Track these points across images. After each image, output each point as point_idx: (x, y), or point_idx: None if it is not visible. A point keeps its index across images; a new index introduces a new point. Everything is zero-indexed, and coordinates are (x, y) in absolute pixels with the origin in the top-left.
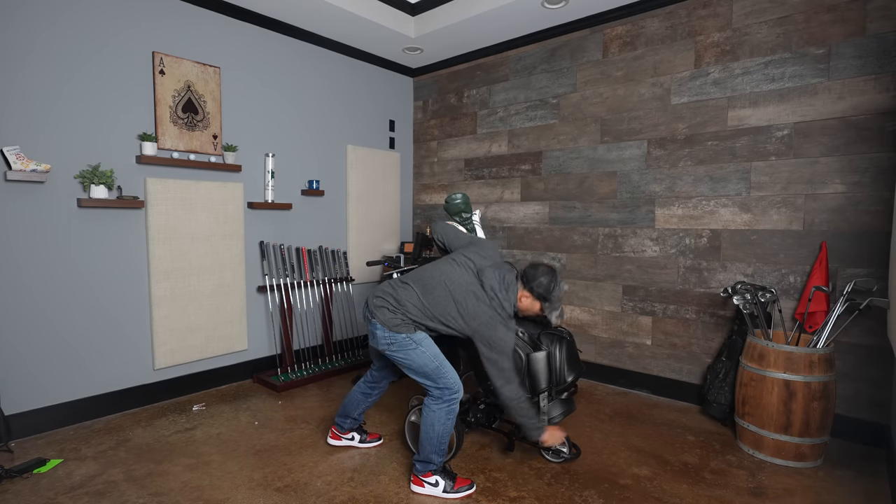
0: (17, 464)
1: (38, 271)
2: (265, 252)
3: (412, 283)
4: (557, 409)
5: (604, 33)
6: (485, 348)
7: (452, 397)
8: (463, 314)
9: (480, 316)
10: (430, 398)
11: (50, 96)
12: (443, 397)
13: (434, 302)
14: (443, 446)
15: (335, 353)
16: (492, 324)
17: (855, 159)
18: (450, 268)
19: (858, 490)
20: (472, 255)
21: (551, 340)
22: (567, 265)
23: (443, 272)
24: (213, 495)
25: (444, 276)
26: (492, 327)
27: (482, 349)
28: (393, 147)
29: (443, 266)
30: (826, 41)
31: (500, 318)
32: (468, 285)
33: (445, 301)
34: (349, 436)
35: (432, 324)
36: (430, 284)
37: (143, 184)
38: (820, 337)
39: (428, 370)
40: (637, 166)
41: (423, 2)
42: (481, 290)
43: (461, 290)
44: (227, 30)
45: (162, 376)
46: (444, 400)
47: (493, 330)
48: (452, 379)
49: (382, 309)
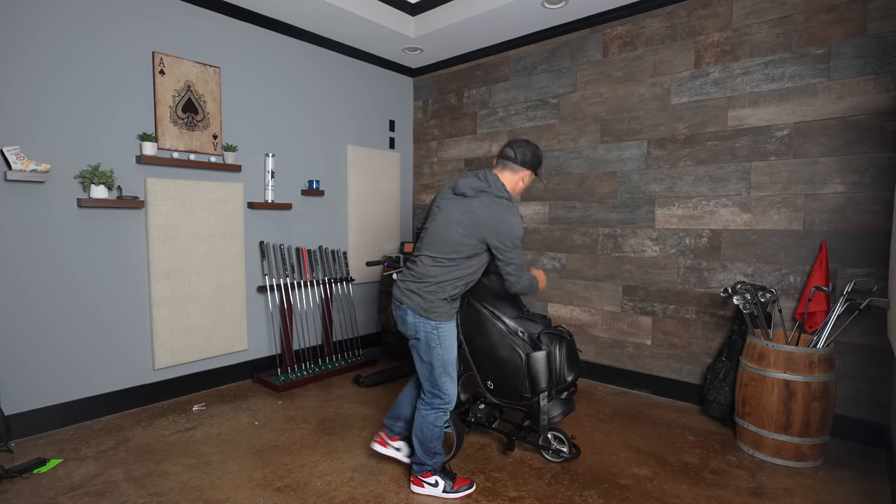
0: (17, 464)
1: (37, 271)
2: (265, 252)
3: (421, 251)
4: (557, 408)
5: (604, 33)
6: (501, 252)
7: (443, 406)
8: (470, 228)
9: (483, 215)
10: (422, 401)
11: (50, 96)
12: (433, 403)
13: (443, 243)
14: (432, 450)
15: (335, 353)
16: (497, 215)
17: (855, 159)
18: (440, 214)
19: (858, 490)
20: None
21: (551, 340)
22: (567, 265)
23: (437, 221)
24: (213, 495)
25: (439, 221)
26: (499, 219)
27: (499, 255)
28: (393, 147)
29: (434, 221)
30: (826, 41)
31: (502, 203)
32: (461, 205)
33: (450, 231)
34: (398, 444)
35: (455, 272)
36: (433, 238)
37: (143, 184)
38: (820, 337)
39: (434, 370)
40: (637, 166)
41: (423, 2)
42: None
43: (457, 212)
44: (227, 30)
45: (162, 376)
46: (433, 407)
47: (500, 221)
48: (450, 390)
49: (412, 294)
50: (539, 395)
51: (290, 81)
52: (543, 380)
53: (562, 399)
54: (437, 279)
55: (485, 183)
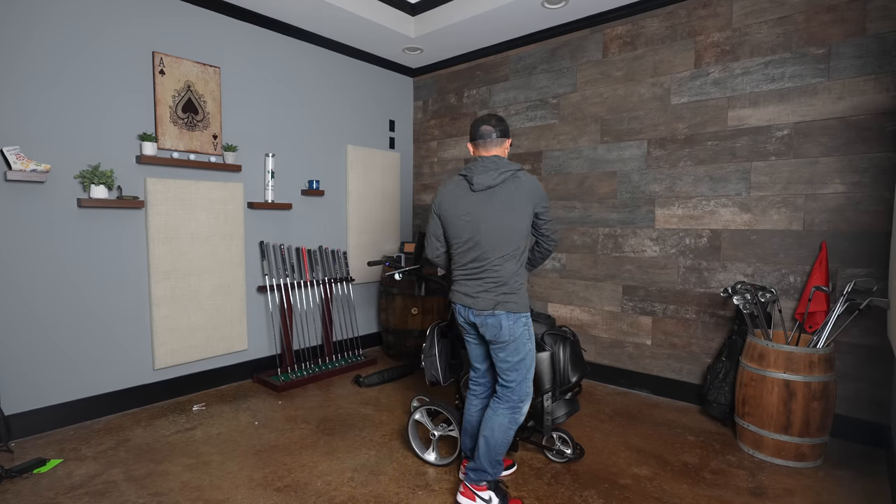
0: (17, 464)
1: (36, 271)
2: (265, 252)
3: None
4: (562, 409)
5: (604, 33)
6: (544, 215)
7: (526, 407)
8: (522, 210)
9: (528, 192)
10: (502, 401)
11: (49, 96)
12: (519, 405)
13: (506, 239)
14: (499, 457)
15: (335, 353)
16: (534, 185)
17: (855, 159)
18: (479, 217)
19: (858, 490)
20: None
21: (555, 341)
22: (567, 265)
23: (483, 225)
24: (213, 495)
25: (484, 224)
26: (537, 188)
27: (544, 218)
28: (393, 147)
29: (476, 227)
30: (826, 41)
31: (525, 174)
32: (498, 197)
33: (505, 227)
34: (486, 494)
35: (524, 254)
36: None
37: (143, 184)
38: (820, 337)
39: (528, 366)
40: (637, 166)
41: (423, 2)
42: (501, 173)
43: (499, 204)
44: (227, 30)
45: (162, 376)
46: (517, 408)
47: (538, 189)
48: (530, 387)
49: (504, 297)
50: (543, 395)
51: (290, 81)
52: (547, 381)
53: (566, 399)
54: (517, 270)
55: (502, 167)
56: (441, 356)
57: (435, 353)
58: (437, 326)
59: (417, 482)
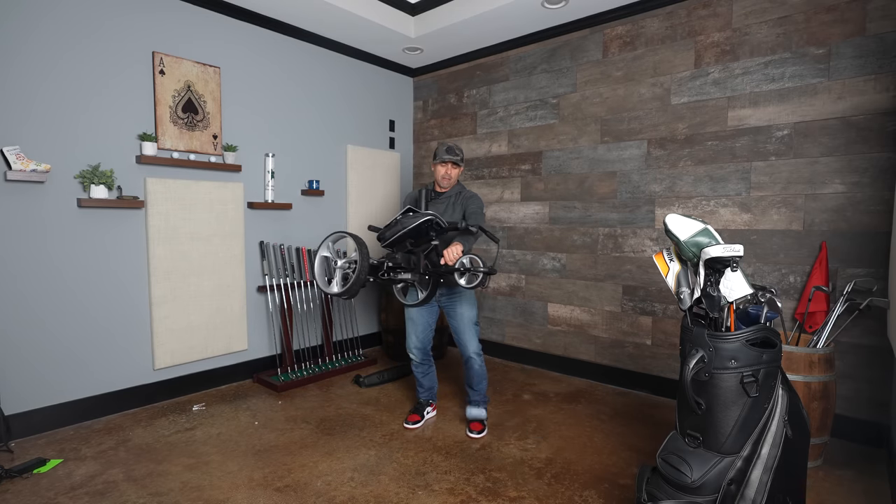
0: (17, 464)
1: (37, 271)
2: (265, 252)
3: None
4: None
5: (604, 33)
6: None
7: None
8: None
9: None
10: (481, 355)
11: (50, 97)
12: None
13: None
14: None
15: (335, 353)
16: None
17: (855, 159)
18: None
19: (858, 490)
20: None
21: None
22: (567, 265)
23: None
24: (213, 495)
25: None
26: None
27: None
28: (393, 147)
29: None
30: (826, 41)
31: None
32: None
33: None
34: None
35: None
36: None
37: (143, 184)
38: (820, 337)
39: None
40: (637, 166)
41: (423, 2)
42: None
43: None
44: (227, 30)
45: (162, 376)
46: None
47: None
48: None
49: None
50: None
51: (290, 81)
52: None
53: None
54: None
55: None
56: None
57: None
58: None
59: (417, 482)
